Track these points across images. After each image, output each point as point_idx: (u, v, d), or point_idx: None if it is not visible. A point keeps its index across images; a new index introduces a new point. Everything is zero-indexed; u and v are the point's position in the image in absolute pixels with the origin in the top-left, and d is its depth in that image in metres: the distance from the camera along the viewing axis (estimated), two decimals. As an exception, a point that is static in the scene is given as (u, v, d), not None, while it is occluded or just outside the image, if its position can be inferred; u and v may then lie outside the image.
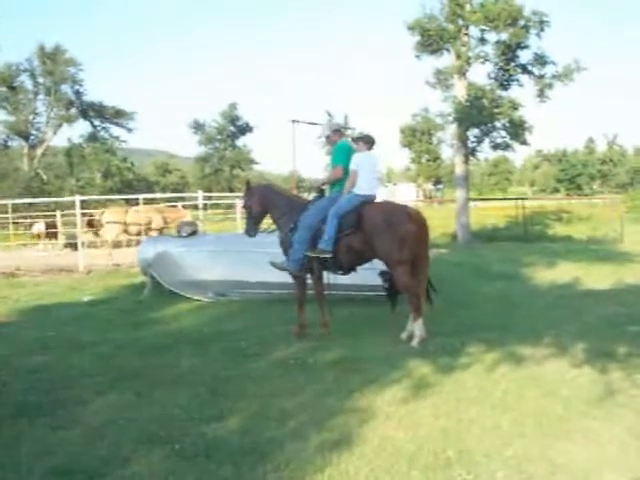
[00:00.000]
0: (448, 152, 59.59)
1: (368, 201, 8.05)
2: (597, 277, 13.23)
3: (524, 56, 23.47)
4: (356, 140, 8.38)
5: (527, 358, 6.77)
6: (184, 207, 23.74)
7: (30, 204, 26.83)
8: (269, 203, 8.62)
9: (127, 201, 33.78)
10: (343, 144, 8.39)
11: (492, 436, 4.67)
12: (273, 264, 8.47)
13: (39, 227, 26.00)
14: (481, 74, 39.20)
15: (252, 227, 8.77)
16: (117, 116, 63.62)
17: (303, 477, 4.08)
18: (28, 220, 28.76)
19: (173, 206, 23.19)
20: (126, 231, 20.91)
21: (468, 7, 23.04)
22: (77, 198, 18.92)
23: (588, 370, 6.32)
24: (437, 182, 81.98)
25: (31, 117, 59.84)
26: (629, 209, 34.94)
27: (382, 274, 9.00)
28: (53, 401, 5.67)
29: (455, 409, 5.26)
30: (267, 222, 9.05)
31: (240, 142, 77.69)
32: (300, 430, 4.86)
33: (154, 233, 19.86)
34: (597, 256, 17.15)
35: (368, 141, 8.28)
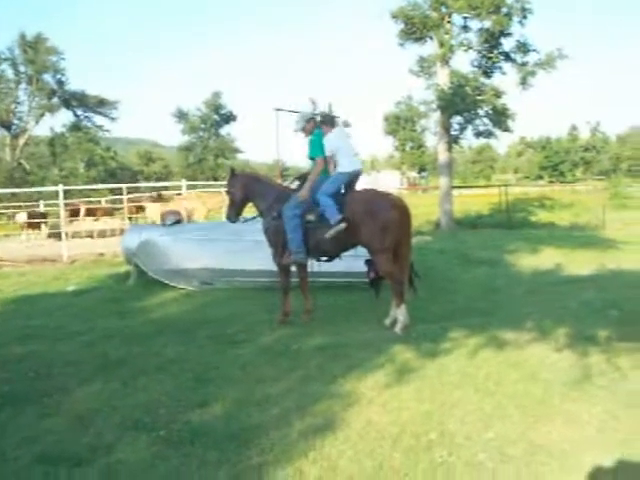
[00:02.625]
0: (432, 140, 59.83)
1: (354, 177, 8.18)
2: (579, 263, 13.34)
3: (507, 44, 23.59)
4: (320, 125, 8.40)
5: (509, 343, 6.84)
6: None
7: (13, 194, 26.66)
8: (252, 191, 8.64)
9: (111, 190, 33.63)
10: (316, 135, 8.35)
11: (474, 419, 4.74)
12: (281, 263, 8.45)
13: (21, 217, 25.84)
14: (464, 62, 39.32)
15: (233, 214, 8.78)
16: (100, 105, 63.38)
17: (287, 461, 4.13)
18: (10, 210, 28.60)
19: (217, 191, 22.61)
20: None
21: (451, -6, 23.04)
22: (60, 188, 18.84)
23: (569, 354, 6.40)
24: (421, 170, 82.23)
25: (13, 106, 59.45)
26: (611, 196, 35.12)
27: (367, 262, 9.06)
28: (39, 390, 5.69)
29: (438, 393, 5.32)
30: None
31: (224, 131, 77.47)
32: (284, 415, 4.91)
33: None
34: (579, 242, 17.26)
35: (329, 121, 8.36)
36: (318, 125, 8.44)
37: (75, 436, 4.62)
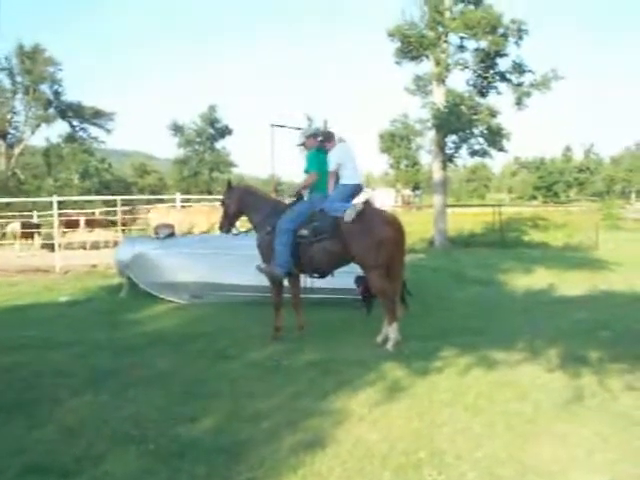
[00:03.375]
0: (427, 158, 60.11)
1: (357, 191, 8.30)
2: (571, 283, 13.40)
3: (503, 64, 23.77)
4: (322, 143, 8.47)
5: (500, 362, 6.85)
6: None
7: (6, 204, 26.56)
8: (246, 204, 8.68)
9: (105, 202, 33.61)
10: (314, 152, 8.42)
11: (463, 438, 4.74)
12: (260, 269, 8.51)
13: (14, 227, 25.69)
14: (460, 81, 39.61)
15: (226, 225, 8.84)
16: (96, 117, 63.25)
17: (277, 477, 4.11)
18: (4, 220, 28.46)
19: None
20: None
21: (448, 14, 23.22)
22: (54, 198, 18.80)
23: (560, 374, 6.42)
24: (415, 188, 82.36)
25: (9, 116, 59.31)
26: (604, 217, 35.28)
27: (357, 280, 9.09)
28: (29, 400, 5.66)
29: (428, 411, 5.32)
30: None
31: (219, 145, 77.42)
32: (274, 431, 4.89)
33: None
34: (572, 263, 17.33)
35: (330, 137, 8.43)
36: (320, 143, 8.51)
37: (64, 447, 4.59)
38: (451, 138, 24.06)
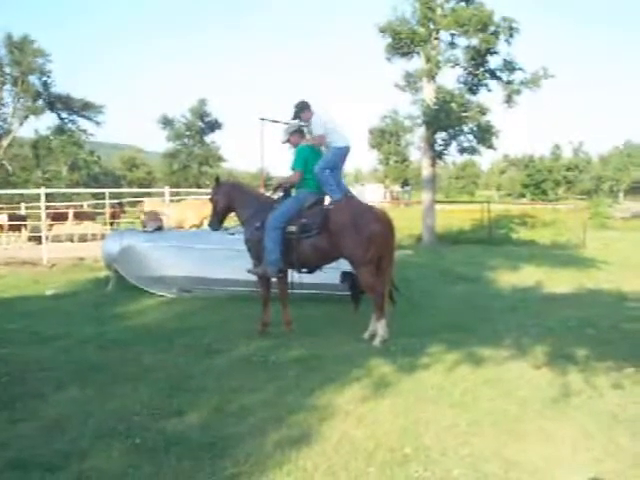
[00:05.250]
0: (416, 154, 60.17)
1: (347, 153, 8.47)
2: (558, 281, 13.44)
3: (493, 62, 23.72)
4: (297, 114, 8.48)
5: (487, 359, 6.87)
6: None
7: (-6, 195, 26.40)
8: (234, 200, 8.66)
9: (94, 195, 33.49)
10: (302, 148, 8.41)
11: (449, 435, 4.75)
12: (251, 272, 8.49)
13: (1, 219, 25.49)
14: (450, 78, 39.66)
15: (216, 222, 8.83)
16: (85, 109, 62.80)
17: (262, 472, 4.11)
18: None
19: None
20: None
21: (439, 11, 23.20)
22: (42, 191, 18.70)
23: (546, 372, 6.44)
24: (404, 184, 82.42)
25: (-3, 107, 58.87)
26: (592, 215, 35.42)
27: (343, 275, 9.09)
28: (12, 394, 5.63)
29: (414, 408, 5.32)
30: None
31: (209, 139, 77.01)
32: (260, 426, 4.88)
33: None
34: (559, 261, 17.39)
35: (305, 107, 8.45)
36: (295, 115, 8.54)
37: (48, 442, 4.56)
38: (440, 135, 24.02)
